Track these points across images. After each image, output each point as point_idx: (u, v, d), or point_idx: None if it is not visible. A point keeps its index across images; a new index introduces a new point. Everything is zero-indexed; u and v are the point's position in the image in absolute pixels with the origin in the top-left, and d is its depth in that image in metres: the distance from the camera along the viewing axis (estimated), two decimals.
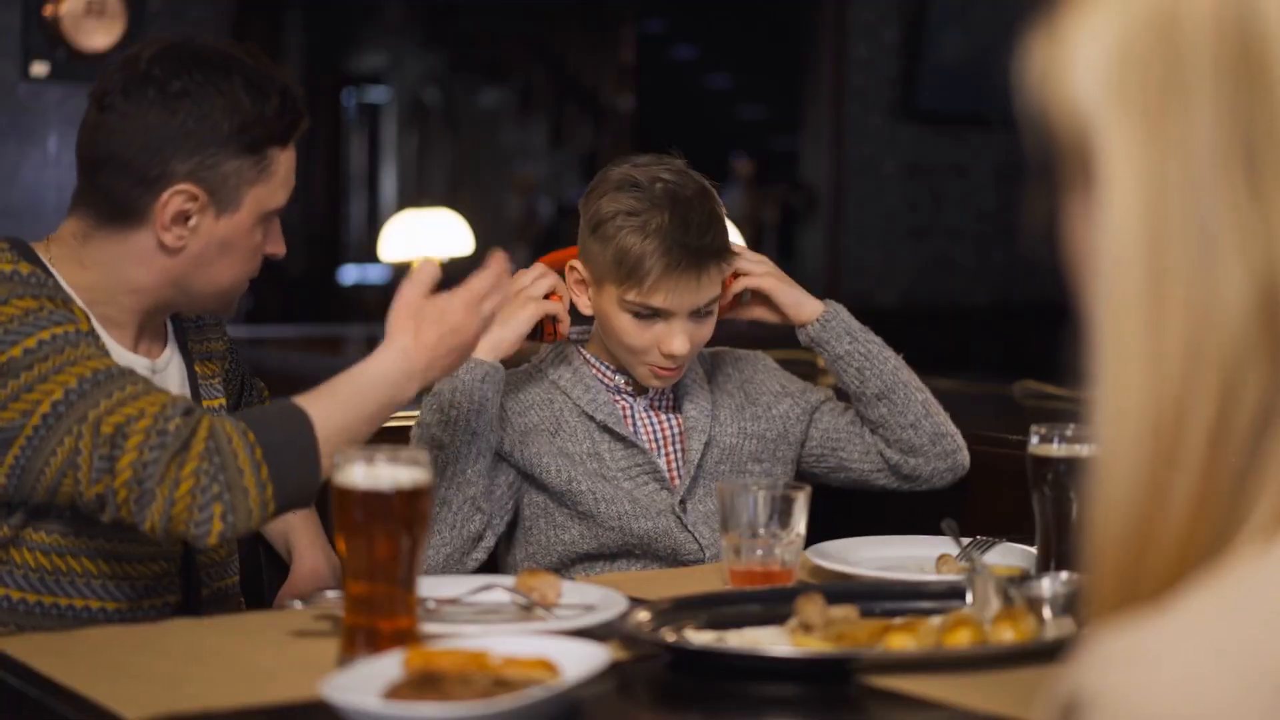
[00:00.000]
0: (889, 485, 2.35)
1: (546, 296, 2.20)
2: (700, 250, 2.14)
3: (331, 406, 1.76)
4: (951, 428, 2.33)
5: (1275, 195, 0.75)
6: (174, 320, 2.01)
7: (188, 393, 1.99)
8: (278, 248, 1.95)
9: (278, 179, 1.89)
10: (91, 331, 1.80)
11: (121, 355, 1.89)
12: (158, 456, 1.67)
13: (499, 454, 2.20)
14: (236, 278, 1.92)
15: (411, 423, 2.19)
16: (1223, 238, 0.75)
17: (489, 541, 2.17)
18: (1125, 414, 0.77)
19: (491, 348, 2.15)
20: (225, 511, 1.68)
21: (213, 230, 1.86)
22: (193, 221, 1.85)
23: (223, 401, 2.04)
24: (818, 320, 2.29)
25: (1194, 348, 0.75)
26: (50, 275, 1.85)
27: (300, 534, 2.13)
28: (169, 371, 1.97)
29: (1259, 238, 0.75)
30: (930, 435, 2.30)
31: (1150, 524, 0.77)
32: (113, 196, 1.85)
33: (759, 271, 2.28)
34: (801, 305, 2.29)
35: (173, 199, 1.83)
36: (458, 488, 2.12)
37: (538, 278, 2.20)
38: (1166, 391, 0.76)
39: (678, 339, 2.16)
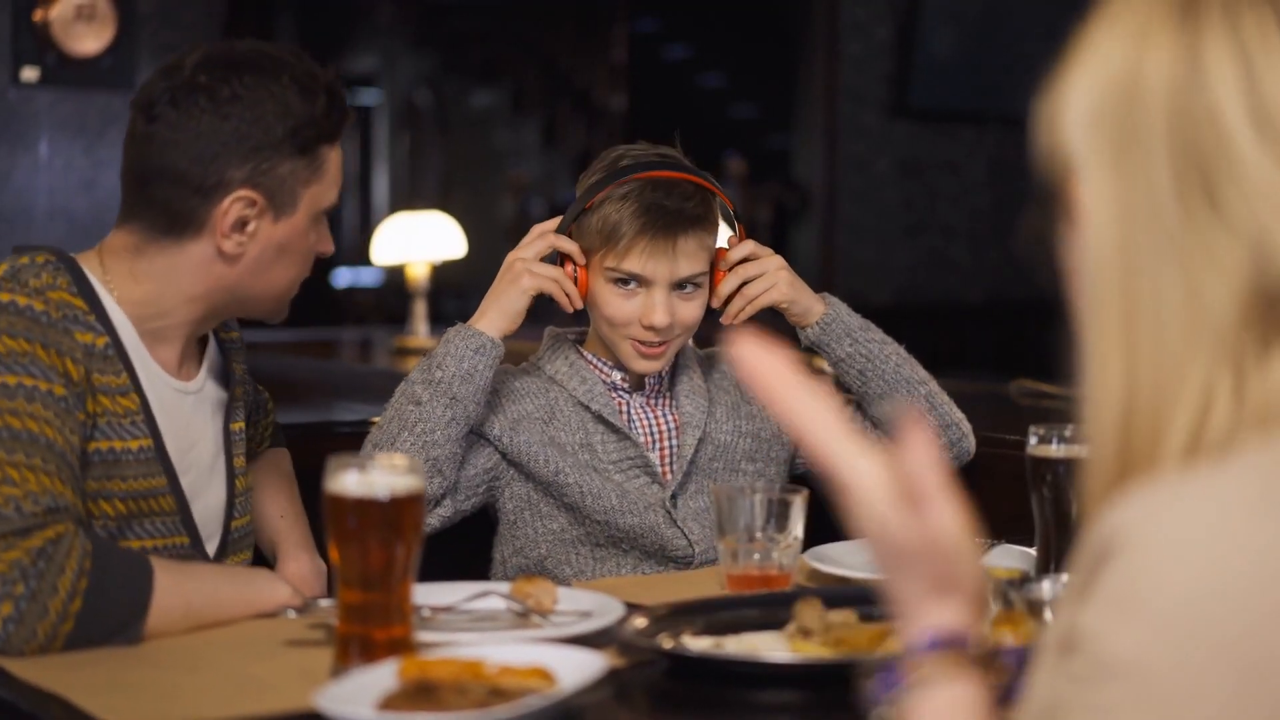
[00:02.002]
0: None
1: (562, 261, 2.19)
2: (677, 214, 2.14)
3: (182, 580, 1.71)
4: (956, 415, 2.32)
5: (1237, 210, 0.91)
6: (219, 343, 1.99)
7: (221, 416, 1.96)
8: (327, 246, 1.94)
9: (329, 177, 1.89)
10: (73, 397, 1.73)
11: (161, 379, 1.86)
12: None
13: (487, 439, 2.19)
14: (292, 281, 1.91)
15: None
16: (1194, 253, 0.92)
17: (446, 511, 2.14)
18: (1106, 399, 0.94)
19: (493, 321, 2.14)
20: (11, 617, 1.60)
21: (271, 234, 1.85)
22: (251, 227, 1.84)
23: (241, 425, 2.01)
24: (818, 324, 2.27)
25: (1166, 345, 0.92)
26: (92, 295, 1.81)
27: (286, 536, 2.09)
28: (203, 394, 1.94)
29: (1231, 250, 0.91)
30: (934, 428, 2.29)
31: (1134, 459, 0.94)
32: (169, 208, 1.82)
33: (770, 282, 2.23)
34: (808, 311, 2.27)
35: (233, 206, 1.82)
36: (423, 446, 2.08)
37: (533, 240, 2.19)
38: (1142, 379, 0.93)
39: (658, 310, 2.16)
